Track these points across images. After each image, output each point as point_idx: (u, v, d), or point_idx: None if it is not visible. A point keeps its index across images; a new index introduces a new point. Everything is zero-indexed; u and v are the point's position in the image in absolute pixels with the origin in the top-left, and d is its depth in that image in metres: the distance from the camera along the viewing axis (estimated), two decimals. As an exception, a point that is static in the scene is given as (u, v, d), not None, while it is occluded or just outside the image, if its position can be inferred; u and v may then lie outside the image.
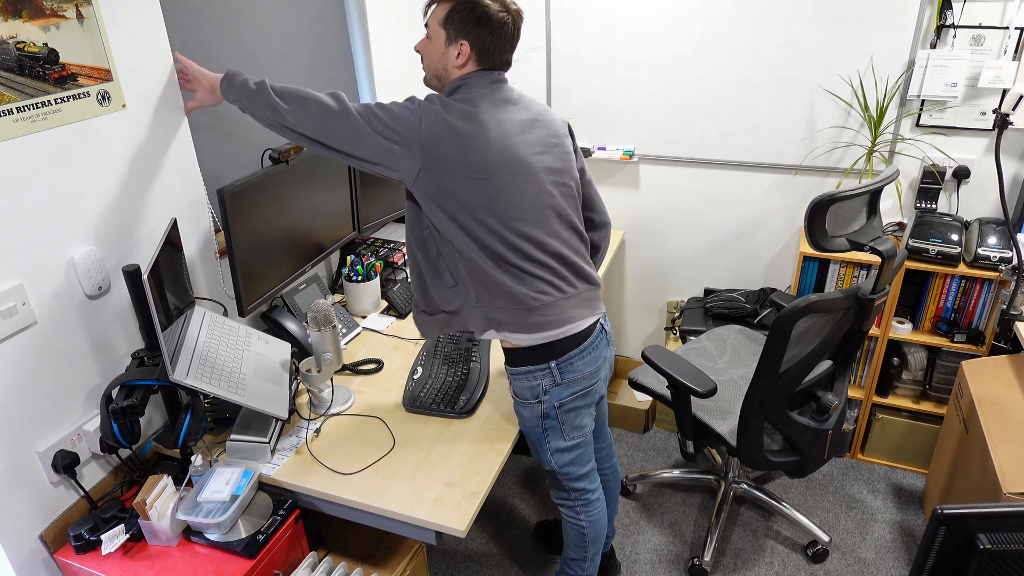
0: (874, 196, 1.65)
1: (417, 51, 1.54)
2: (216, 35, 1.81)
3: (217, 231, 1.84)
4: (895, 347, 2.43)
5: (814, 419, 1.84)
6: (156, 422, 1.71)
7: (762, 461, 1.87)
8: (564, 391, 1.55)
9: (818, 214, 1.51)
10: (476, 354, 1.88)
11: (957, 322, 2.31)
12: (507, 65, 1.51)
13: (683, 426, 1.97)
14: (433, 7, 1.47)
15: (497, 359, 1.90)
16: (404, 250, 2.39)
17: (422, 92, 1.47)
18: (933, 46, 2.18)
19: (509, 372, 1.58)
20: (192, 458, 1.48)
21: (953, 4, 2.11)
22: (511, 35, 1.46)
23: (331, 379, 1.70)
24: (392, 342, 2.02)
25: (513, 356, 1.55)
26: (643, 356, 1.92)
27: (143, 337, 1.58)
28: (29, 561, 1.43)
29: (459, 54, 1.45)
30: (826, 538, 2.17)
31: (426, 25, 1.50)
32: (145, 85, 1.55)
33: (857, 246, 1.60)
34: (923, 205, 2.33)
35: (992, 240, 2.16)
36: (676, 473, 2.50)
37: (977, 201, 2.34)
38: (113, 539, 1.41)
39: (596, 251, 1.72)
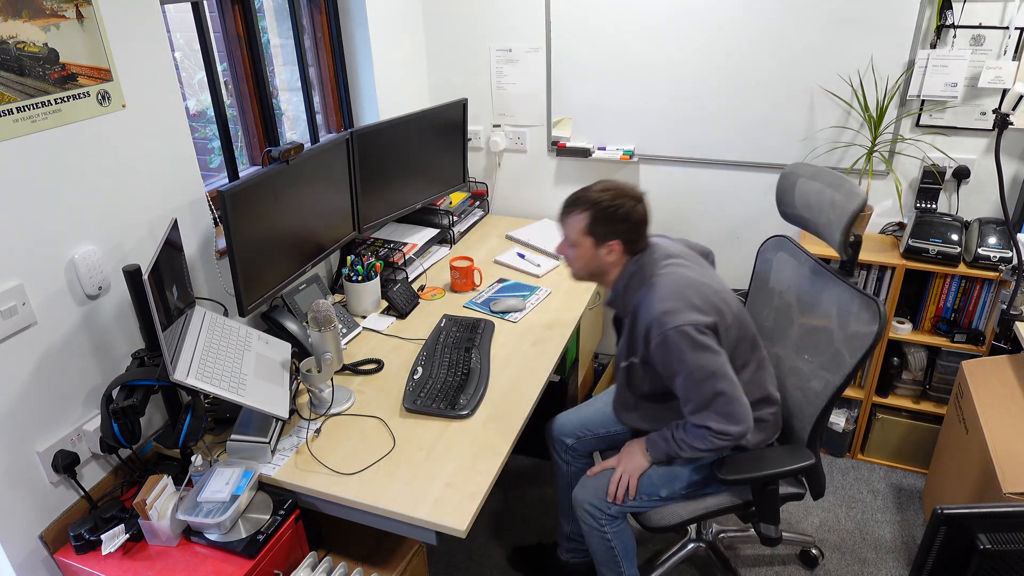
0: None
1: (560, 252, 1.67)
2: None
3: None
4: (895, 347, 2.42)
5: None
6: (156, 422, 1.71)
7: (824, 483, 1.78)
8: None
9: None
10: (476, 355, 1.88)
11: (957, 322, 2.31)
12: (648, 242, 1.63)
13: (772, 514, 1.71)
14: (571, 217, 1.59)
15: (497, 359, 1.90)
16: (404, 250, 2.39)
17: (422, 96, 1.47)
18: (933, 46, 2.18)
19: None
20: (192, 458, 1.48)
21: (953, 4, 2.11)
22: (646, 218, 1.59)
23: (331, 379, 1.70)
24: (392, 342, 2.02)
25: None
26: (722, 480, 1.61)
27: (143, 337, 1.58)
28: (29, 561, 1.44)
29: (610, 251, 1.58)
30: (811, 539, 2.18)
31: (564, 231, 1.62)
32: (145, 85, 1.55)
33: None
34: (923, 205, 2.33)
35: (992, 240, 2.16)
36: (663, 568, 2.09)
37: (977, 201, 2.34)
38: (113, 539, 1.41)
39: None
